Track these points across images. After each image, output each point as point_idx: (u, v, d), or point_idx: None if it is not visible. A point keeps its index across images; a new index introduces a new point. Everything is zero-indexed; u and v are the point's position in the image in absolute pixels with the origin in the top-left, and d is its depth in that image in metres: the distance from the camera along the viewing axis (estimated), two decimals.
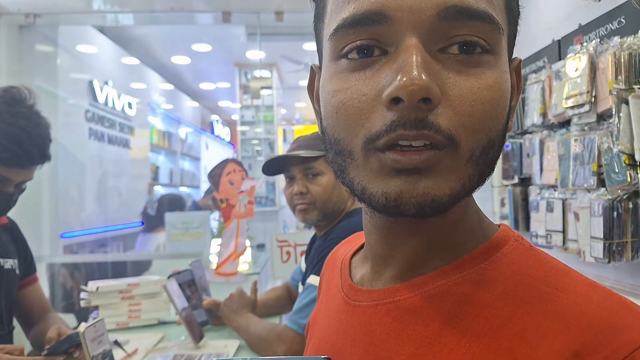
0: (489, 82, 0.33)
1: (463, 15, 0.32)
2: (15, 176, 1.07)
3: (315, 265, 1.27)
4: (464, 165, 0.34)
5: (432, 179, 0.33)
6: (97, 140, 3.31)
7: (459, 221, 0.39)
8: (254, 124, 5.41)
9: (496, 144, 0.35)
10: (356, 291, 0.43)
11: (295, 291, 1.61)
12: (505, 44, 0.36)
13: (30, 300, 1.29)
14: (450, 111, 0.33)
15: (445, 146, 0.33)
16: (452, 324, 0.35)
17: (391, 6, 0.32)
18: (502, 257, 0.37)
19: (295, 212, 1.36)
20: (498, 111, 0.34)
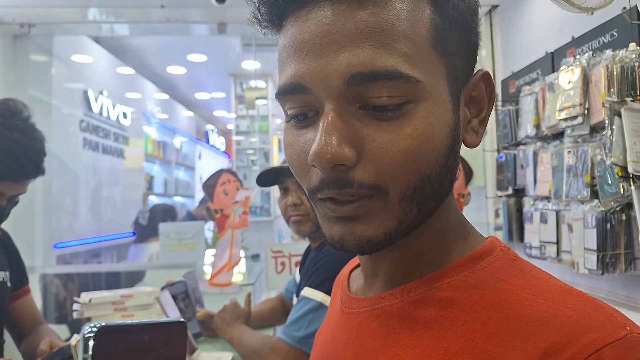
0: (407, 131, 0.35)
1: (369, 79, 0.34)
2: (8, 190, 1.07)
3: (310, 277, 1.26)
4: (397, 206, 0.37)
5: (366, 224, 0.37)
6: (92, 150, 3.29)
7: (439, 234, 0.41)
8: (249, 133, 5.42)
9: (434, 176, 0.37)
10: (351, 300, 0.46)
11: (290, 302, 1.60)
12: (437, 80, 0.37)
13: (22, 312, 1.27)
14: (371, 164, 0.35)
15: (372, 195, 0.36)
16: (433, 327, 0.38)
17: (306, 79, 0.36)
18: (485, 265, 0.40)
19: (290, 223, 1.36)
20: (423, 152, 0.36)
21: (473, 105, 0.41)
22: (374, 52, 0.34)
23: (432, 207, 0.39)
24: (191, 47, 4.04)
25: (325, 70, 0.35)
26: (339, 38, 0.34)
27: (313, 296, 1.21)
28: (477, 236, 0.44)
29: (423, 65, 0.36)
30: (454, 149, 0.39)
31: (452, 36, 0.38)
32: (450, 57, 0.38)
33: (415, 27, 0.36)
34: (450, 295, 0.38)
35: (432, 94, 0.36)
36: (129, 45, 3.89)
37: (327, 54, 0.35)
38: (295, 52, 0.36)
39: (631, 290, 1.50)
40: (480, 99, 0.42)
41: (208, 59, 4.31)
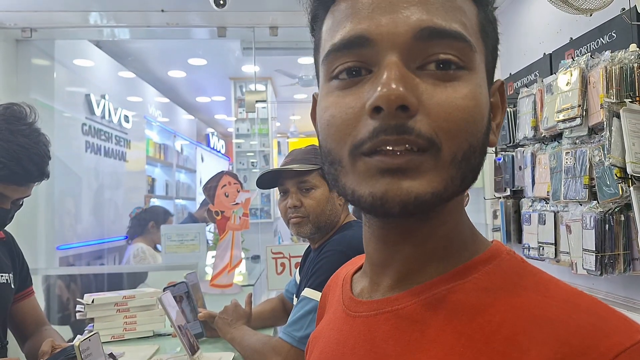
0: (463, 92, 0.37)
1: (436, 35, 0.36)
2: (12, 193, 1.08)
3: (310, 278, 1.27)
4: (446, 168, 0.36)
5: (415, 179, 0.36)
6: (94, 153, 3.31)
7: (451, 233, 0.41)
8: (249, 136, 5.43)
9: (477, 151, 0.38)
10: (356, 303, 0.45)
11: (290, 303, 1.62)
12: (481, 62, 0.40)
13: (25, 313, 1.29)
14: (429, 118, 0.36)
15: (426, 149, 0.36)
16: (448, 329, 0.37)
17: (373, 31, 0.37)
18: (495, 268, 0.40)
19: (290, 225, 1.37)
20: (475, 118, 0.37)
21: (492, 110, 0.43)
22: (442, 13, 0.37)
23: (466, 184, 0.39)
24: (191, 51, 4.06)
25: (394, 22, 0.36)
26: None
27: (313, 296, 1.22)
28: (483, 240, 0.44)
29: (475, 41, 0.39)
30: (488, 129, 0.40)
31: (489, 33, 0.41)
32: (488, 50, 0.41)
33: (469, 10, 0.39)
34: (463, 297, 0.38)
35: (480, 70, 0.39)
36: (130, 49, 3.92)
37: (397, 9, 0.37)
38: (360, 10, 0.37)
39: (630, 291, 1.51)
40: (496, 106, 0.44)
41: (208, 63, 4.33)
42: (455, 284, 0.39)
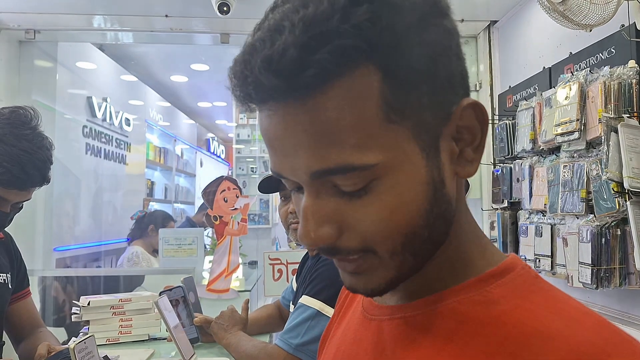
0: (376, 206, 0.37)
1: (327, 174, 0.36)
2: (13, 197, 1.08)
3: (308, 286, 1.28)
4: (389, 261, 0.39)
5: (368, 277, 0.40)
6: (94, 156, 3.32)
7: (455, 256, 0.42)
8: (250, 142, 5.44)
9: (419, 229, 0.38)
10: (374, 306, 0.47)
11: (286, 310, 1.61)
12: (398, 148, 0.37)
13: (21, 314, 1.28)
14: (353, 233, 0.38)
15: (364, 255, 0.38)
16: (454, 341, 0.38)
17: (281, 171, 0.39)
18: (507, 282, 0.40)
19: (289, 231, 1.37)
20: (398, 218, 0.37)
21: (464, 135, 0.40)
22: (324, 151, 0.36)
23: (429, 251, 0.40)
24: (194, 57, 4.08)
25: (292, 167, 0.38)
26: (294, 140, 0.36)
27: (311, 304, 1.22)
28: (496, 253, 0.44)
29: (377, 144, 0.36)
30: (438, 196, 0.39)
31: (412, 95, 0.36)
32: (412, 118, 0.37)
33: (362, 113, 0.35)
34: (471, 309, 0.39)
35: (393, 166, 0.37)
36: (133, 53, 3.94)
37: (289, 153, 0.37)
38: (268, 144, 0.39)
39: (625, 305, 1.51)
40: (471, 126, 0.40)
41: (210, 69, 4.35)
42: (466, 296, 0.40)
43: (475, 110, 0.40)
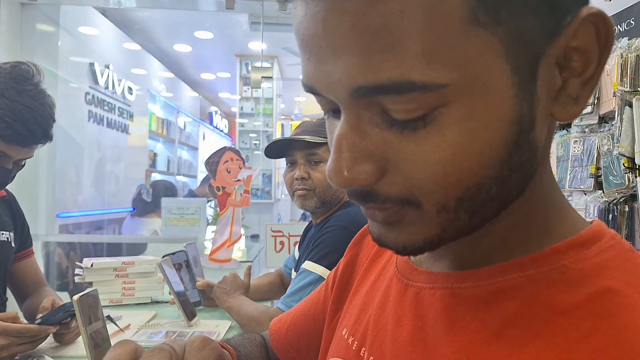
0: (435, 143, 0.28)
1: (374, 92, 0.27)
2: (15, 153, 1.07)
3: (311, 252, 1.27)
4: (435, 217, 0.30)
5: (400, 230, 0.32)
6: (97, 124, 3.29)
7: (528, 218, 0.34)
8: (253, 116, 5.40)
9: (487, 181, 0.29)
10: (412, 270, 0.40)
11: (288, 278, 1.62)
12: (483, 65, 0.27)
13: (26, 273, 1.29)
14: (397, 176, 0.30)
15: (403, 206, 0.30)
16: (518, 326, 0.30)
17: (316, 85, 0.30)
18: (592, 255, 0.31)
19: (294, 197, 1.36)
20: (461, 164, 0.28)
21: (573, 62, 0.29)
22: (377, 58, 0.26)
23: (493, 211, 0.31)
24: (198, 24, 4.00)
25: (329, 79, 0.29)
26: (336, 40, 0.27)
27: (313, 269, 1.22)
28: (579, 220, 0.35)
29: (453, 56, 0.26)
30: (522, 141, 0.29)
31: None
32: (509, 23, 0.27)
33: (438, 6, 0.25)
34: (544, 290, 0.31)
35: (470, 90, 0.27)
36: (136, 18, 3.86)
37: (328, 59, 0.28)
38: (301, 48, 0.31)
39: None
40: (587, 49, 0.29)
41: (214, 37, 4.28)
42: (537, 271, 0.31)
43: (598, 26, 0.29)
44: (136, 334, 1.18)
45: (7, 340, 0.91)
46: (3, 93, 1.03)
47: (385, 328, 0.40)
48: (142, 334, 1.17)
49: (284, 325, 0.64)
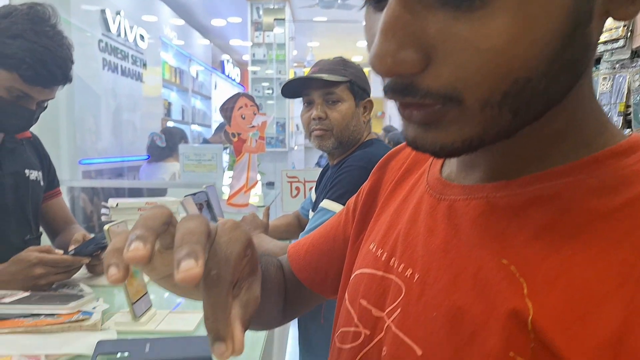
0: (491, 26, 0.27)
1: None
2: (38, 94, 1.08)
3: (329, 191, 1.29)
4: (477, 113, 0.30)
5: (439, 130, 0.31)
6: (111, 72, 3.29)
7: (566, 129, 0.33)
8: (265, 63, 5.31)
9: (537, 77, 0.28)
10: (444, 185, 0.41)
11: (305, 219, 1.66)
12: None
13: (55, 212, 1.34)
14: (444, 67, 0.28)
15: (444, 103, 0.30)
16: (555, 230, 0.31)
17: None
18: (632, 163, 0.31)
19: (311, 137, 1.37)
20: (515, 53, 0.27)
21: None
22: None
23: (536, 111, 0.30)
24: None
25: None
26: None
27: (331, 207, 1.25)
28: (617, 131, 0.34)
29: None
30: (577, 35, 0.28)
31: None
32: None
33: None
34: (581, 197, 0.31)
35: None
36: None
37: None
38: None
39: None
40: None
41: None
42: (575, 179, 0.32)
43: None
44: None
45: (44, 270, 0.97)
46: (21, 34, 1.03)
47: (417, 239, 0.41)
48: None
49: (303, 248, 0.65)
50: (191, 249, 0.27)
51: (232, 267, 0.30)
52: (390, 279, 0.43)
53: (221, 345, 0.28)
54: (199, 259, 0.27)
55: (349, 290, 0.49)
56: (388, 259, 0.44)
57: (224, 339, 0.28)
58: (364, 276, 0.47)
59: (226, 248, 0.30)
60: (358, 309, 0.45)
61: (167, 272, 0.33)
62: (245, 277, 0.35)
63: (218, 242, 0.30)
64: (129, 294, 0.83)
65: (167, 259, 0.32)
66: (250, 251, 0.34)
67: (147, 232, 0.28)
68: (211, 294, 0.29)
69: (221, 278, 0.29)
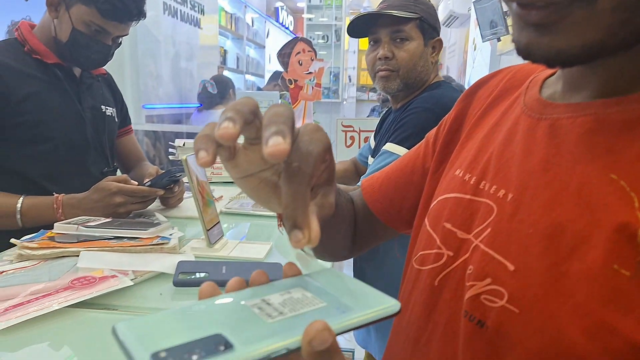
0: None
1: None
2: (113, 29, 1.11)
3: (393, 134, 1.27)
4: (607, 15, 0.29)
5: (558, 34, 0.30)
6: (171, 16, 3.33)
7: None
8: (321, 9, 5.17)
9: None
10: (545, 105, 0.41)
11: (363, 166, 1.65)
12: None
13: (128, 148, 1.41)
14: None
15: (572, 1, 0.29)
16: None
17: None
18: None
19: (376, 78, 1.33)
20: None
21: None
22: None
23: None
24: None
25: None
26: None
27: (395, 150, 1.22)
28: None
29: None
30: None
31: None
32: None
33: None
34: None
35: None
36: None
37: None
38: None
39: None
40: None
41: None
42: None
43: None
44: (229, 203, 1.28)
45: (123, 199, 1.03)
46: None
47: (511, 160, 0.41)
48: (234, 204, 1.27)
49: (377, 180, 0.65)
50: (279, 128, 0.27)
51: (313, 164, 0.30)
52: (479, 201, 0.43)
53: (298, 233, 0.29)
54: (286, 137, 0.27)
55: (431, 216, 0.50)
56: (477, 182, 0.44)
57: (302, 227, 0.29)
58: (448, 201, 0.47)
59: (309, 144, 0.30)
60: (441, 232, 0.46)
61: (249, 170, 0.34)
62: (322, 184, 0.35)
63: (301, 139, 0.31)
64: (204, 222, 0.87)
65: (250, 155, 0.33)
66: (329, 158, 0.35)
67: (237, 115, 0.29)
68: (292, 184, 0.29)
69: (302, 170, 0.29)
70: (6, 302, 0.64)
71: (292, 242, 0.29)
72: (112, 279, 0.72)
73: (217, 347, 0.23)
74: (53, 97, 1.12)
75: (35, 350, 0.56)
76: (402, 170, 0.63)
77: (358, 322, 0.26)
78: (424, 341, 0.44)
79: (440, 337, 0.42)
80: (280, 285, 0.30)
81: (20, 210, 1.02)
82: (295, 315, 0.27)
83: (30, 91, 1.07)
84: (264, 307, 0.28)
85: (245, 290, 0.30)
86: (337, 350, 0.26)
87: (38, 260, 0.80)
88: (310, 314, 0.26)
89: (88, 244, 0.85)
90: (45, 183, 1.10)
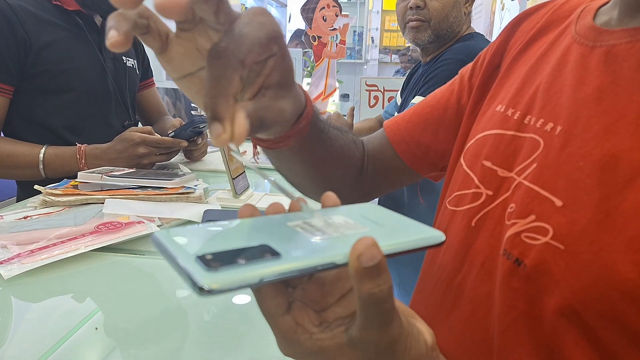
0: None
1: None
2: None
3: (423, 86, 1.22)
4: None
5: None
6: None
7: None
8: None
9: None
10: (600, 32, 0.39)
11: None
12: None
13: (149, 101, 1.39)
14: None
15: None
16: None
17: None
18: None
19: (406, 29, 1.27)
20: None
21: None
22: None
23: None
24: None
25: None
26: None
27: None
28: None
29: None
30: None
31: None
32: None
33: None
34: None
35: None
36: None
37: None
38: None
39: None
40: None
41: None
42: None
43: None
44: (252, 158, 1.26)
45: (147, 150, 1.01)
46: None
47: (561, 91, 0.39)
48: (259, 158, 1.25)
49: (404, 119, 0.60)
50: None
51: (246, 47, 0.26)
52: (523, 137, 0.41)
53: (217, 125, 0.25)
54: None
55: (468, 154, 0.47)
56: (522, 117, 0.42)
57: (222, 119, 0.25)
58: (488, 138, 0.45)
59: (244, 26, 0.27)
60: (480, 170, 0.44)
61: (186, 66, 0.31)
62: (272, 85, 0.30)
63: (239, 22, 0.27)
64: (229, 170, 0.85)
65: (185, 46, 0.30)
66: (279, 51, 0.30)
67: None
68: (215, 66, 0.26)
69: (228, 51, 0.26)
70: (31, 245, 0.63)
71: (211, 136, 0.25)
72: (139, 224, 0.71)
73: (264, 255, 0.22)
74: (75, 45, 1.09)
75: (57, 302, 0.55)
76: (433, 107, 0.58)
77: (405, 246, 0.25)
78: (457, 282, 0.43)
79: (476, 277, 0.41)
80: (320, 212, 0.29)
81: (43, 160, 1.01)
82: (339, 236, 0.25)
83: (52, 39, 1.04)
84: (307, 227, 0.26)
85: (286, 214, 0.28)
86: (385, 269, 0.23)
87: (62, 207, 0.80)
88: (355, 236, 0.25)
89: (112, 192, 0.84)
90: (66, 134, 1.09)
